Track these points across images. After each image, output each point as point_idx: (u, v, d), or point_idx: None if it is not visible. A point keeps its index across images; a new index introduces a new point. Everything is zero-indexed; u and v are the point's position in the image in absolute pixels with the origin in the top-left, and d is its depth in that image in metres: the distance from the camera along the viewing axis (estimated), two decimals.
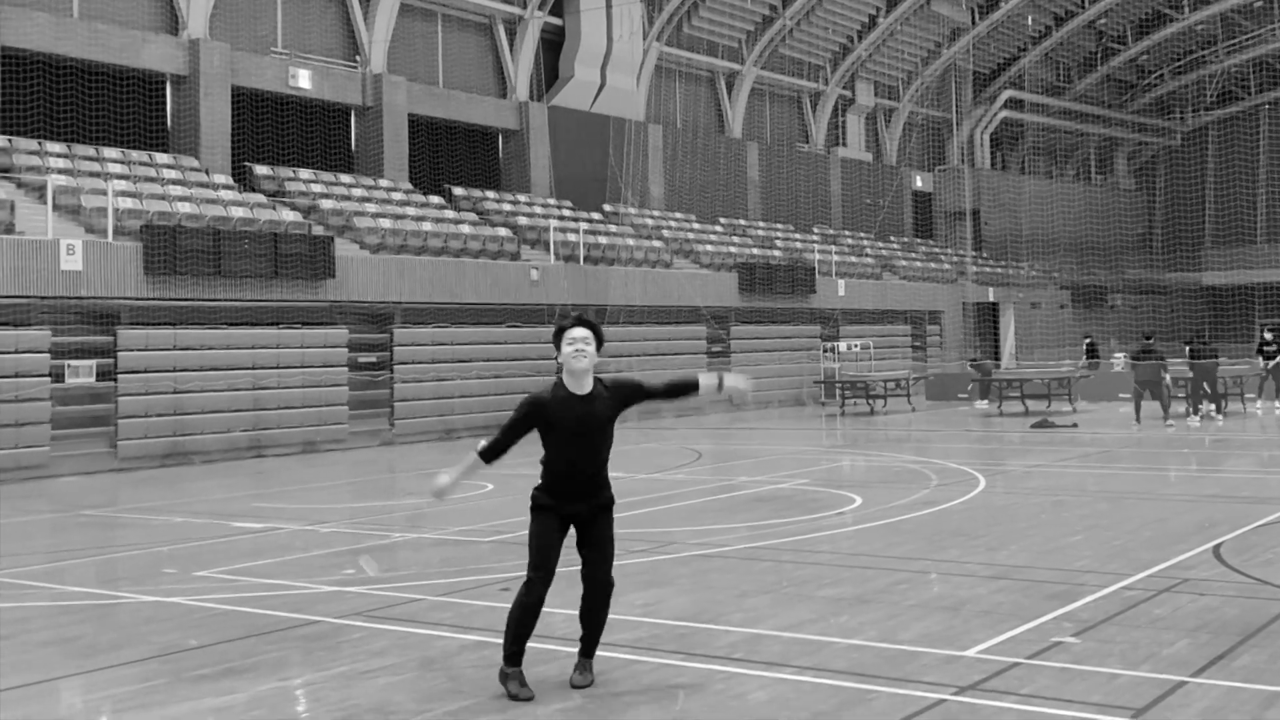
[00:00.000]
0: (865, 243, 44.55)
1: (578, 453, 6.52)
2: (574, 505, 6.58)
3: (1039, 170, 56.69)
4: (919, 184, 50.73)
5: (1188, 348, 25.89)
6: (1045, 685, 6.36)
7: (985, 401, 31.58)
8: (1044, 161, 57.62)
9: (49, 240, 20.18)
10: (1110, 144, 60.44)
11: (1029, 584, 8.98)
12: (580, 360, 6.43)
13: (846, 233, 45.05)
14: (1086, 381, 31.77)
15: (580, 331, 6.49)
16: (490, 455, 6.61)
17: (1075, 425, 24.56)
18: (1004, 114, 52.63)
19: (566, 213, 33.57)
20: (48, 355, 19.82)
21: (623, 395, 6.61)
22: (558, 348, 6.52)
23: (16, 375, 19.35)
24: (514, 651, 6.57)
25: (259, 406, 22.69)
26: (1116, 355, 38.56)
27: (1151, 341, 25.93)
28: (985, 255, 49.78)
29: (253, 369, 22.62)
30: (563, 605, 8.53)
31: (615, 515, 6.73)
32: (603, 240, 32.06)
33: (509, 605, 6.53)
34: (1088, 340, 39.28)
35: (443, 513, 13.62)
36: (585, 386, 6.50)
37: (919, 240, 49.66)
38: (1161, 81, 58.31)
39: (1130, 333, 46.15)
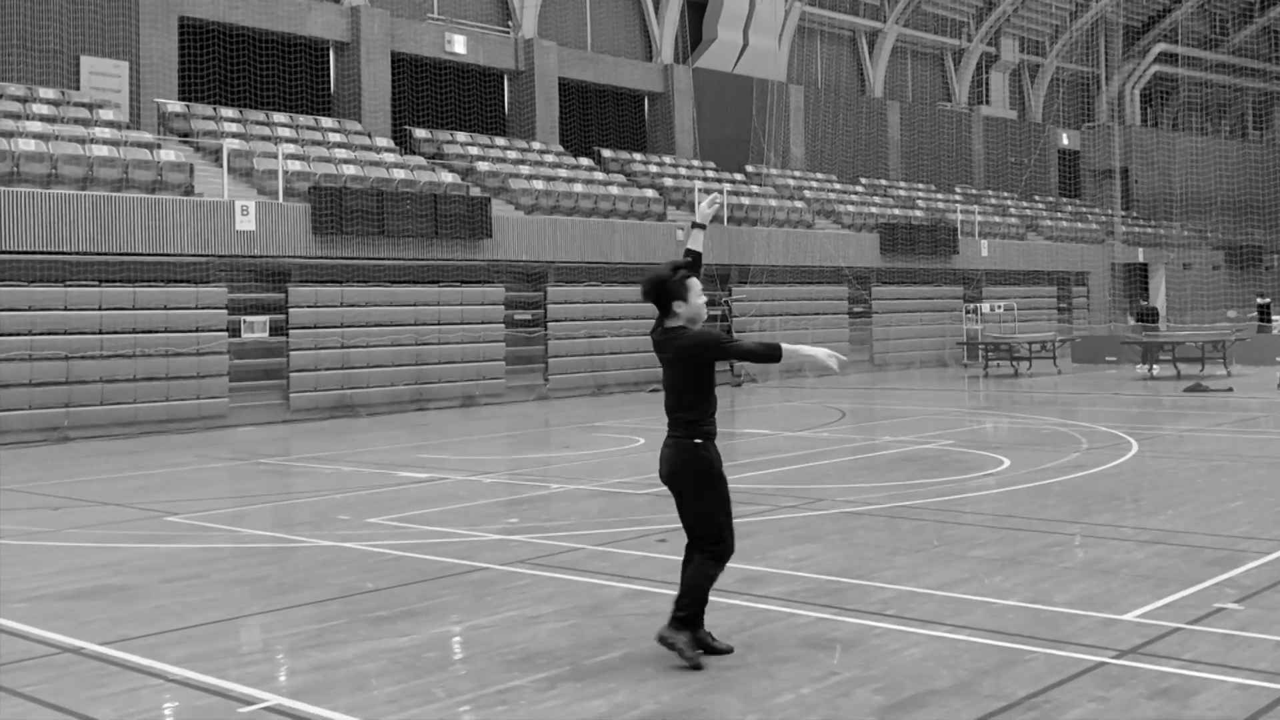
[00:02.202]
0: (1009, 202, 43.70)
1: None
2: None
3: (1192, 127, 54.58)
4: (1065, 142, 49.44)
5: None
6: (1208, 651, 6.24)
7: (1146, 366, 30.77)
8: (1197, 118, 55.44)
9: (224, 201, 21.17)
10: (1268, 99, 57.84)
11: (1187, 549, 8.79)
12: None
13: (990, 192, 44.23)
14: (1243, 345, 30.83)
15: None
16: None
17: (1230, 389, 23.96)
18: (1155, 69, 50.82)
19: (710, 174, 33.77)
20: (225, 311, 20.85)
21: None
22: (684, 298, 6.20)
23: (197, 330, 20.42)
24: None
25: (421, 361, 23.50)
26: (1275, 317, 37.22)
27: None
28: (1135, 215, 48.35)
29: (415, 325, 23.42)
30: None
31: (760, 470, 6.48)
32: (745, 201, 32.20)
33: (665, 556, 6.26)
34: (1263, 299, 37.76)
35: (596, 466, 14.05)
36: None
37: (1065, 199, 48.46)
38: None
39: None
